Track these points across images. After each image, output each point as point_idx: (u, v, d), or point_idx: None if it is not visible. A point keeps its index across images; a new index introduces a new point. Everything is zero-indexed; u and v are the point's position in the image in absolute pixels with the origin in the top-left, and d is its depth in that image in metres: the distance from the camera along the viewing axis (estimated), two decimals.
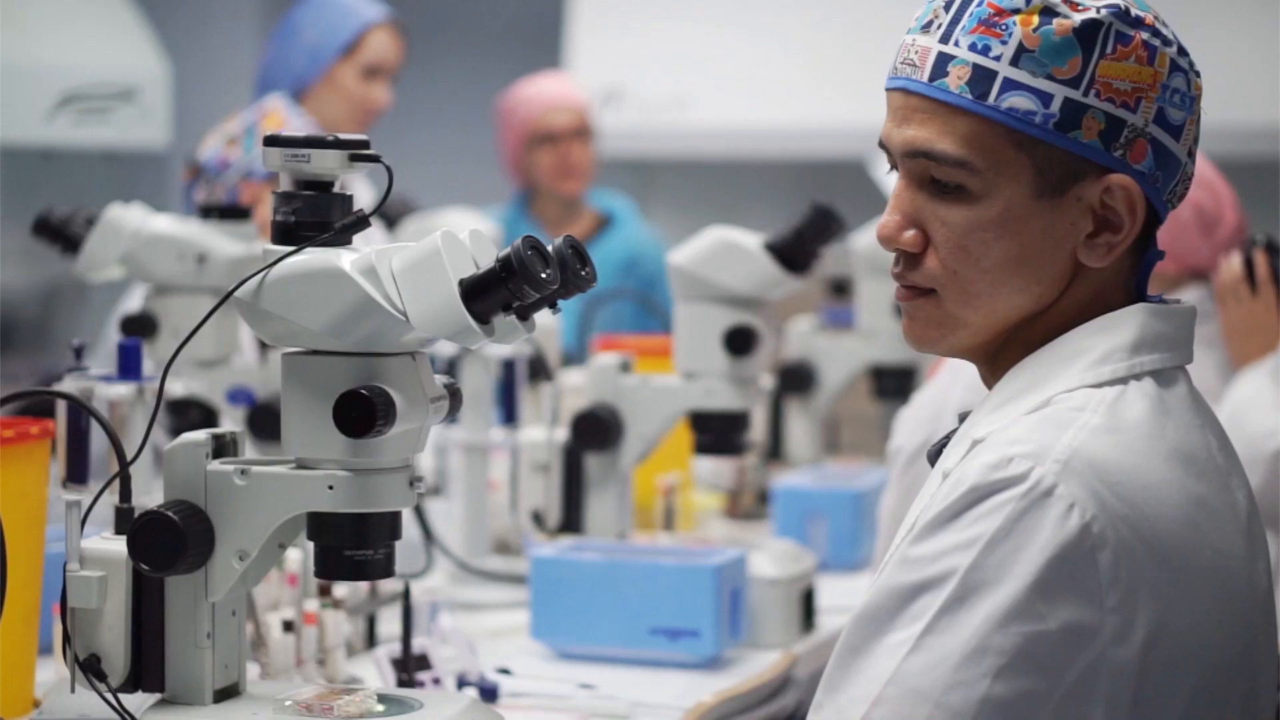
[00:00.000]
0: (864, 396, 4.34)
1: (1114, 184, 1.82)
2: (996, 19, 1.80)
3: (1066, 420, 1.77)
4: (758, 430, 3.96)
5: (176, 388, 3.19)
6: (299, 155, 2.01)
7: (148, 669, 2.06)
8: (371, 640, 2.91)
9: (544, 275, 1.94)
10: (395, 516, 2.05)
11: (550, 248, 1.98)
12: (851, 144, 6.29)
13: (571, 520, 3.32)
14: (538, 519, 3.38)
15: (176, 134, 6.66)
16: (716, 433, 3.26)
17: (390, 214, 4.05)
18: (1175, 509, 1.77)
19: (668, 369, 3.32)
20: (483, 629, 3.07)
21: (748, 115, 6.93)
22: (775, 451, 4.34)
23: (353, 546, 2.03)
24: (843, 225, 3.24)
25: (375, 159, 2.03)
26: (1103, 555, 1.71)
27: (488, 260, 1.96)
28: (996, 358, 1.89)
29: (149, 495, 2.50)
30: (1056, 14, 1.80)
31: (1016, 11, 1.80)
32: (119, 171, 6.78)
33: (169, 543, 1.99)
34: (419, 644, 2.60)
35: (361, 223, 2.03)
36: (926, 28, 1.84)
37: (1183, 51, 1.84)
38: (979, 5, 1.81)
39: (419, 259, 1.96)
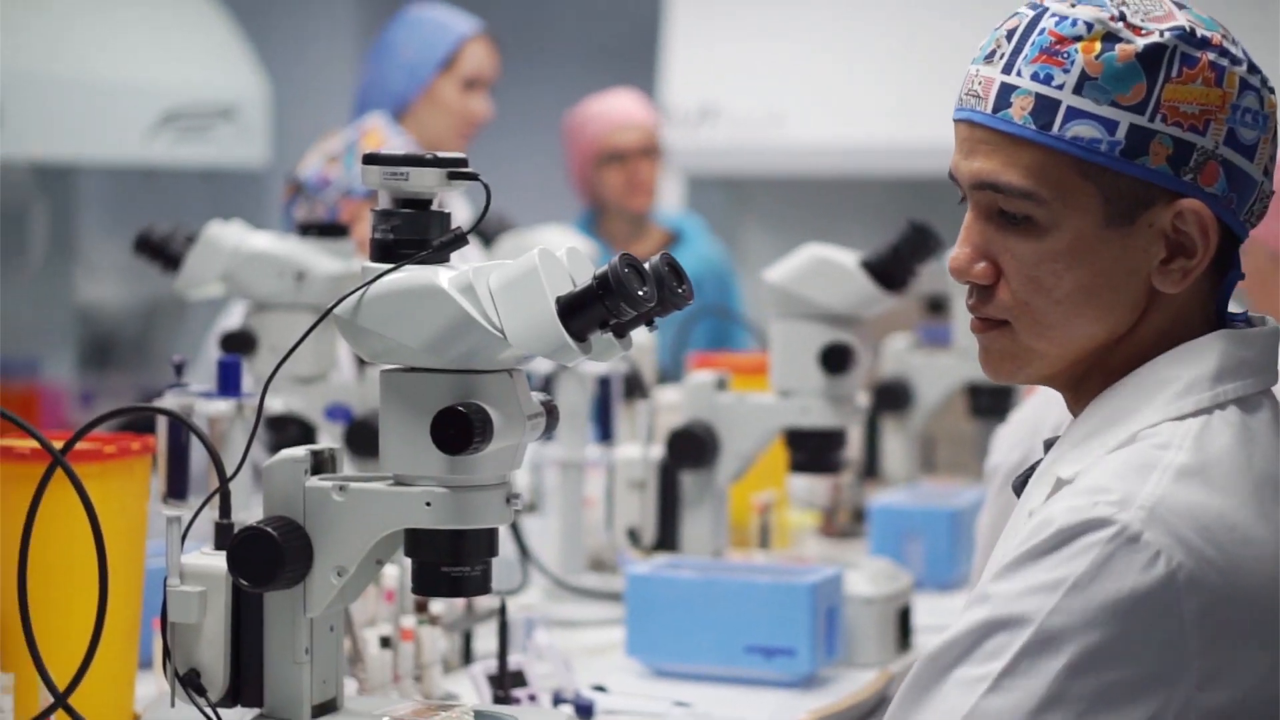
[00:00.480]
0: (960, 414, 4.32)
1: (1185, 209, 1.78)
2: (1058, 47, 1.77)
3: (1151, 461, 1.74)
4: (853, 448, 3.95)
5: (275, 404, 3.21)
6: (398, 173, 2.02)
7: (247, 684, 2.07)
8: (467, 657, 2.91)
9: (641, 293, 1.94)
10: (492, 533, 2.06)
11: (647, 265, 1.98)
12: (947, 161, 6.22)
13: (667, 538, 3.32)
14: (633, 536, 3.38)
15: (275, 152, 6.72)
16: (812, 450, 3.26)
17: (487, 231, 4.07)
18: (1265, 547, 1.73)
19: (763, 386, 3.32)
20: (578, 646, 3.07)
21: (843, 132, 6.91)
22: (871, 469, 4.32)
23: (450, 563, 2.04)
24: (940, 243, 3.23)
25: (473, 177, 2.04)
26: (1188, 603, 1.68)
27: (585, 278, 1.97)
28: (1079, 386, 1.87)
29: (248, 511, 2.52)
30: (1119, 40, 1.77)
31: (1079, 39, 1.77)
32: (218, 189, 6.84)
33: (268, 558, 2.00)
34: (515, 661, 2.61)
35: (459, 240, 2.04)
36: (990, 58, 1.82)
37: (1254, 69, 1.81)
38: (1040, 34, 1.79)
39: (517, 277, 1.96)
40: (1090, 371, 1.85)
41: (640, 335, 2.07)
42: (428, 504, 2.00)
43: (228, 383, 2.82)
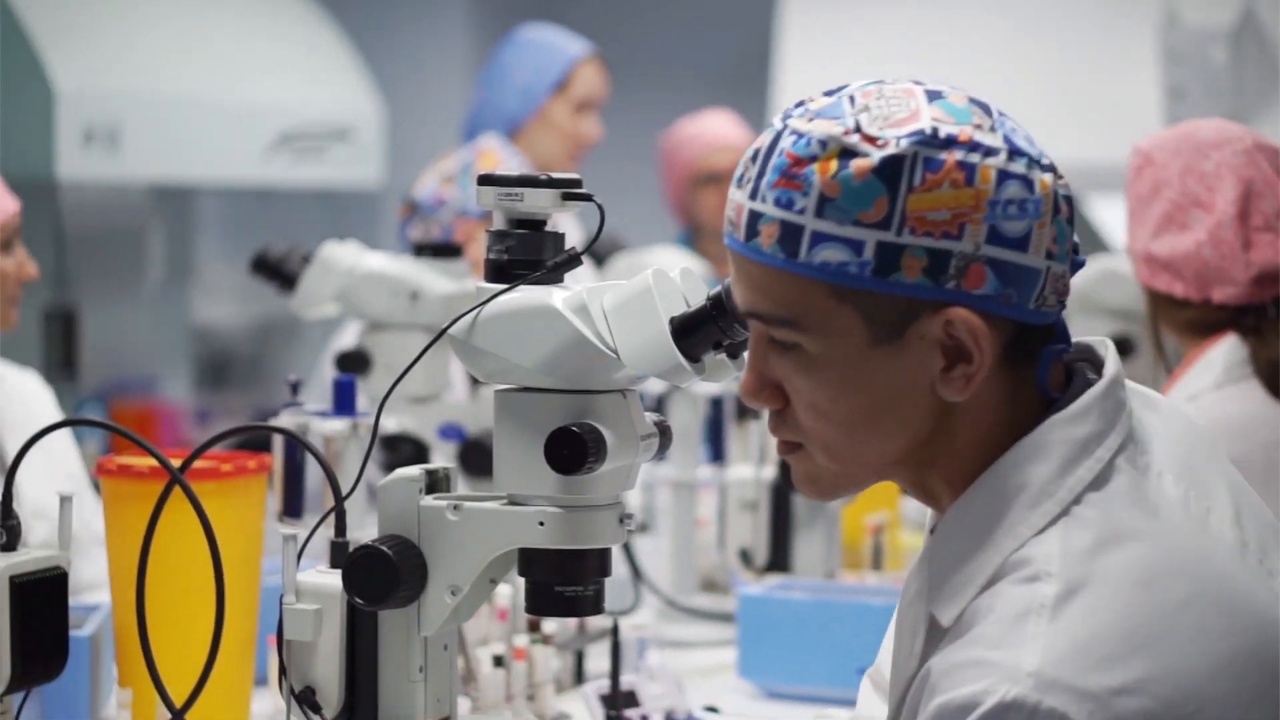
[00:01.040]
0: None
1: (953, 318, 1.67)
2: (795, 170, 1.67)
3: (1025, 604, 1.63)
4: None
5: (389, 423, 3.22)
6: (512, 194, 2.03)
7: (361, 702, 2.08)
8: (580, 676, 2.92)
9: None
10: (605, 553, 2.05)
11: None
12: (1072, 183, 6.18)
13: (779, 559, 3.31)
14: (745, 557, 3.37)
15: (390, 173, 6.76)
16: None
17: (599, 252, 4.08)
18: (1183, 637, 1.62)
19: None
20: (690, 666, 3.07)
21: None
22: None
23: (563, 582, 2.04)
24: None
25: (587, 198, 2.04)
26: None
27: (698, 298, 1.97)
28: (918, 489, 1.78)
29: (363, 529, 2.54)
30: (855, 154, 1.65)
31: (814, 159, 1.66)
32: (333, 210, 6.88)
33: (383, 577, 2.01)
34: (627, 681, 2.61)
35: (573, 260, 2.04)
36: (740, 182, 1.72)
37: (1017, 153, 1.68)
38: (780, 156, 1.68)
39: (630, 297, 1.96)
40: (918, 476, 1.76)
41: None
42: (541, 524, 2.00)
43: (343, 402, 2.84)
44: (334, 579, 2.06)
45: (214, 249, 7.31)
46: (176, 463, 2.13)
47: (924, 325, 1.68)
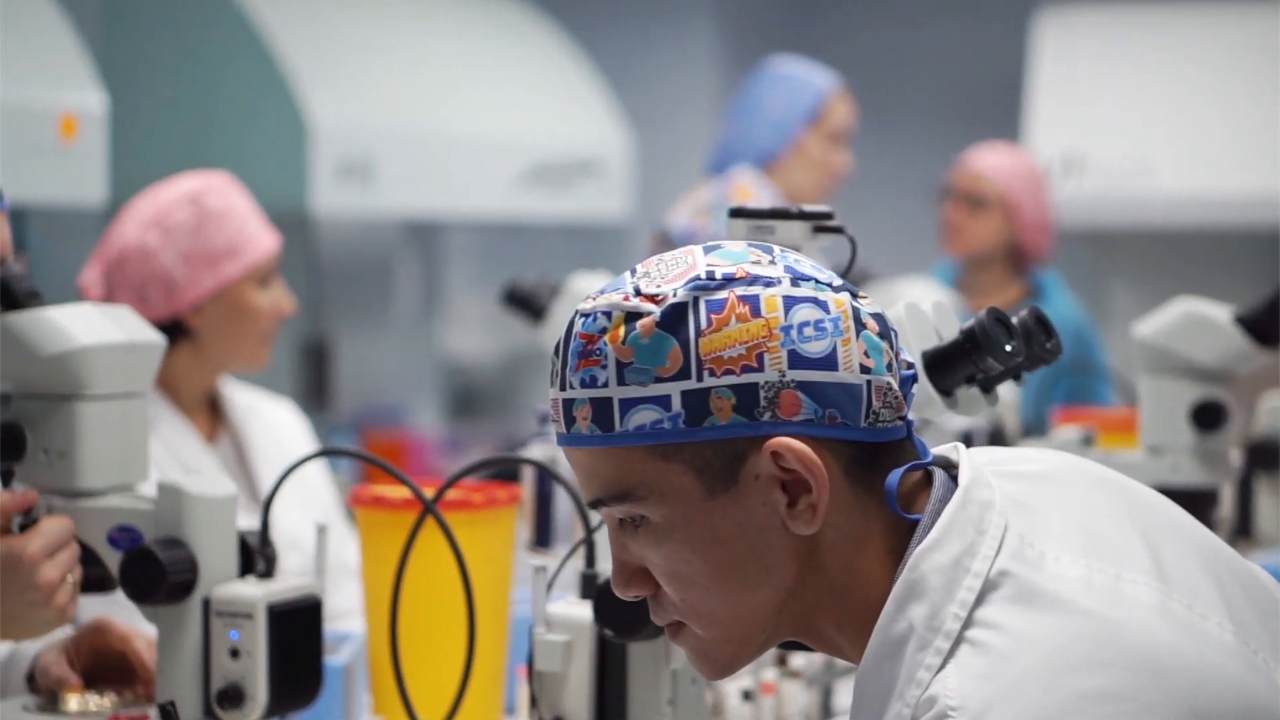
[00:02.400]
0: None
1: (778, 448, 1.62)
2: (591, 347, 1.65)
3: None
4: (1226, 508, 3.84)
5: None
6: (764, 226, 2.03)
7: None
8: (828, 711, 2.89)
9: (1009, 348, 1.91)
10: None
11: (1014, 319, 1.95)
12: None
13: None
14: None
15: (638, 205, 6.79)
16: (1183, 509, 3.17)
17: (849, 282, 4.05)
18: None
19: (1130, 443, 3.24)
20: None
21: (1215, 182, 6.76)
22: (1244, 529, 4.19)
23: None
24: None
25: (839, 230, 2.03)
26: None
27: (950, 332, 1.95)
28: (819, 637, 1.71)
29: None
30: (639, 315, 1.63)
31: (604, 331, 1.64)
32: (580, 242, 6.94)
33: (633, 609, 2.01)
34: None
35: None
36: (551, 381, 1.71)
37: (801, 278, 1.65)
38: (575, 341, 1.66)
39: None
40: (808, 625, 1.70)
41: (1004, 389, 2.04)
42: None
43: None
44: (584, 610, 2.06)
45: (463, 281, 7.41)
46: (429, 493, 2.15)
47: (754, 464, 1.64)
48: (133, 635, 2.47)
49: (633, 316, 1.64)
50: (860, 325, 1.66)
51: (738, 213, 2.04)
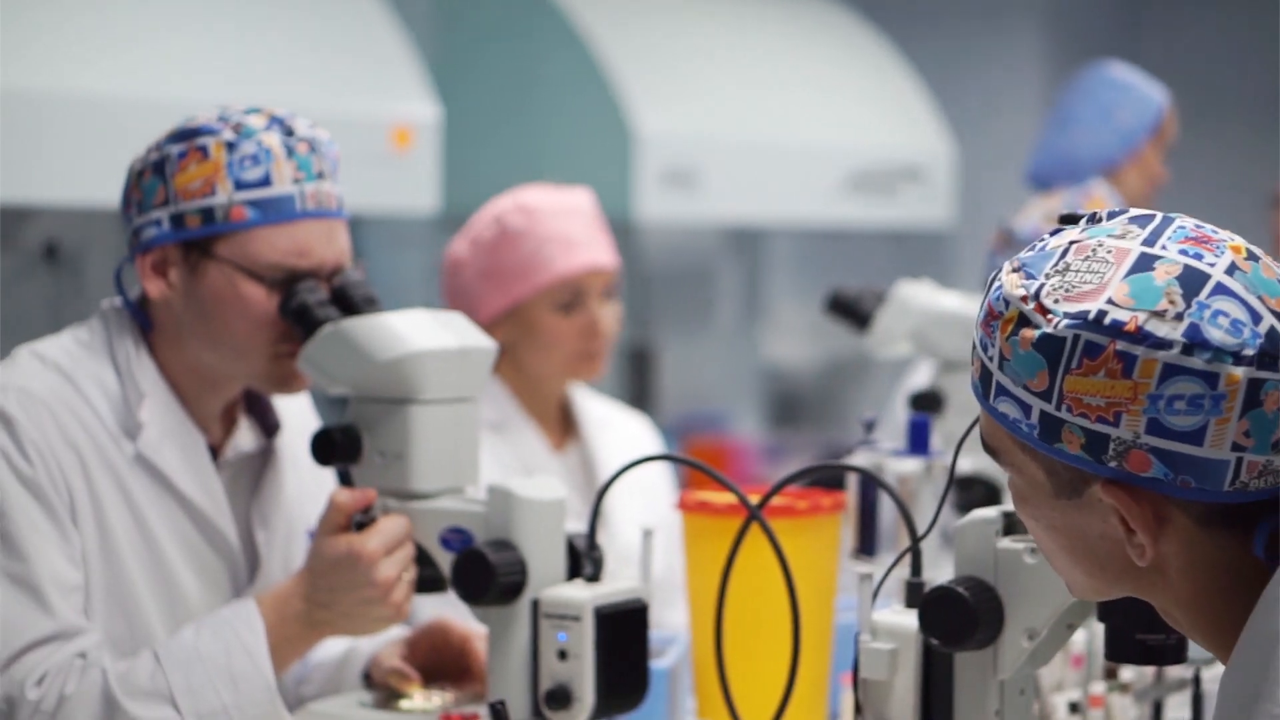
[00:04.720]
0: None
1: (1111, 497, 1.62)
2: (990, 320, 1.67)
3: None
4: None
5: (964, 464, 3.20)
6: None
7: None
8: None
9: None
10: None
11: None
12: None
13: None
14: None
15: (961, 213, 6.74)
16: None
17: None
18: None
19: None
20: None
21: None
22: None
23: (1145, 630, 1.99)
24: None
25: None
26: None
27: None
28: (1161, 609, 1.71)
29: (935, 569, 2.52)
30: (1027, 323, 1.63)
31: (999, 315, 1.65)
32: (902, 249, 6.91)
33: (960, 619, 2.00)
34: None
35: None
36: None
37: (1201, 345, 1.58)
38: (990, 293, 1.68)
39: None
40: (1149, 598, 1.70)
41: None
42: None
43: (918, 442, 2.84)
44: (910, 619, 2.05)
45: (785, 288, 7.42)
46: (754, 499, 2.16)
47: (1097, 491, 1.64)
48: (473, 635, 2.53)
49: (1022, 320, 1.65)
50: (1252, 404, 1.60)
51: (1067, 219, 2.00)
